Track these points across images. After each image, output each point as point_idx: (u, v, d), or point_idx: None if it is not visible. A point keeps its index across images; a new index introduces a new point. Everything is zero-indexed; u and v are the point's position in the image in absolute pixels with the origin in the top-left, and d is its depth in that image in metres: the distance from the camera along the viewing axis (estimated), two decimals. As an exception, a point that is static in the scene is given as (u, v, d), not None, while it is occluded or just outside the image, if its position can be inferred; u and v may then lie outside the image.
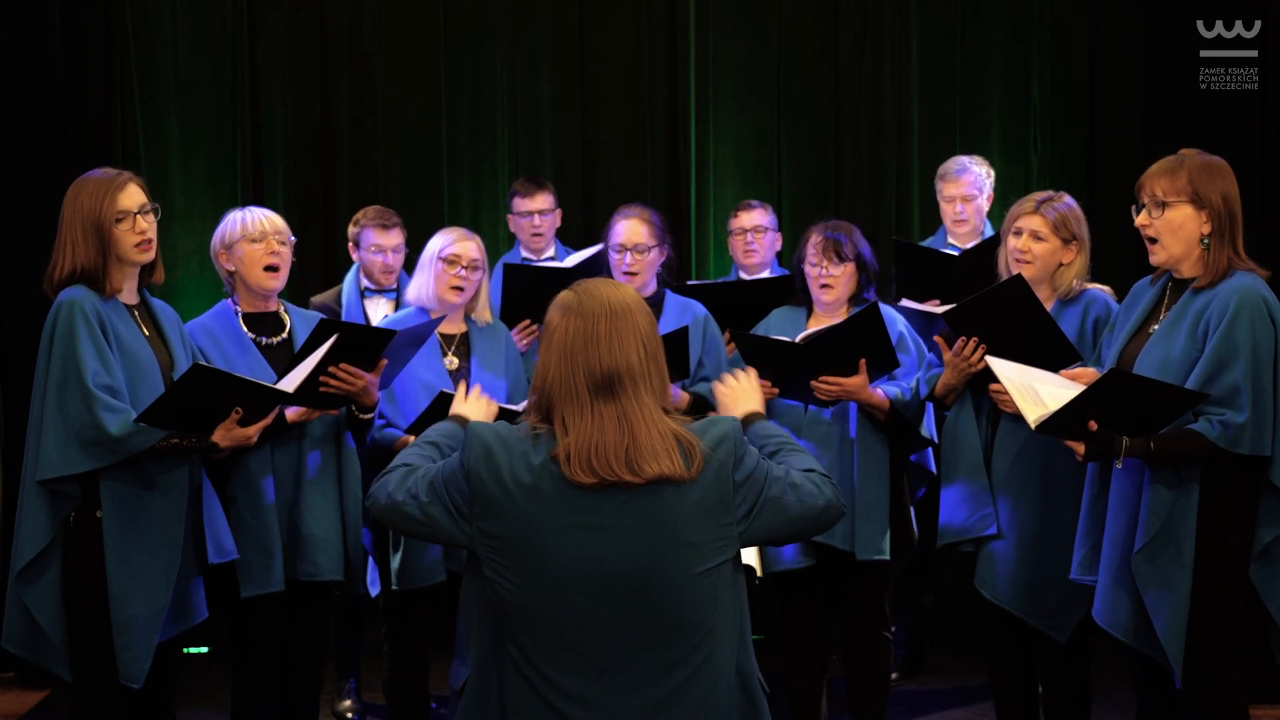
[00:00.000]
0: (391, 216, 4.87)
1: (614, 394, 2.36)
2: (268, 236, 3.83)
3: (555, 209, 5.19)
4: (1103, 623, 3.36)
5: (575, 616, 2.34)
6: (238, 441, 3.47)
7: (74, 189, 3.42)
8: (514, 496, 2.35)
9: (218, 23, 5.79)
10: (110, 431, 3.27)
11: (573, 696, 2.34)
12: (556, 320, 2.42)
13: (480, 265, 4.13)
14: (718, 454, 2.38)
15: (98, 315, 3.32)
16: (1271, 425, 3.16)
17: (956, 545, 3.88)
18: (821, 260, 4.13)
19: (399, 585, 4.00)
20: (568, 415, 2.37)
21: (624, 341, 2.38)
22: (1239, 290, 3.18)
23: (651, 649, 2.34)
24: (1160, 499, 3.22)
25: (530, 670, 2.36)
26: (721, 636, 2.38)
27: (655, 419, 2.36)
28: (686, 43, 5.94)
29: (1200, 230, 3.26)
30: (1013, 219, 3.83)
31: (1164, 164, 3.33)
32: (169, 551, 3.40)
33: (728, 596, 2.40)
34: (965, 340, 3.73)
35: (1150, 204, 3.30)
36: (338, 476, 3.88)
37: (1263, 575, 3.25)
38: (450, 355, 4.13)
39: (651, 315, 2.46)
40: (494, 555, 2.38)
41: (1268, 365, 3.16)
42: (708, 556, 2.36)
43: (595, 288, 2.44)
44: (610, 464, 2.32)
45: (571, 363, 2.38)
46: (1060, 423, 3.22)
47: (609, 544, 2.33)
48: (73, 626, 3.36)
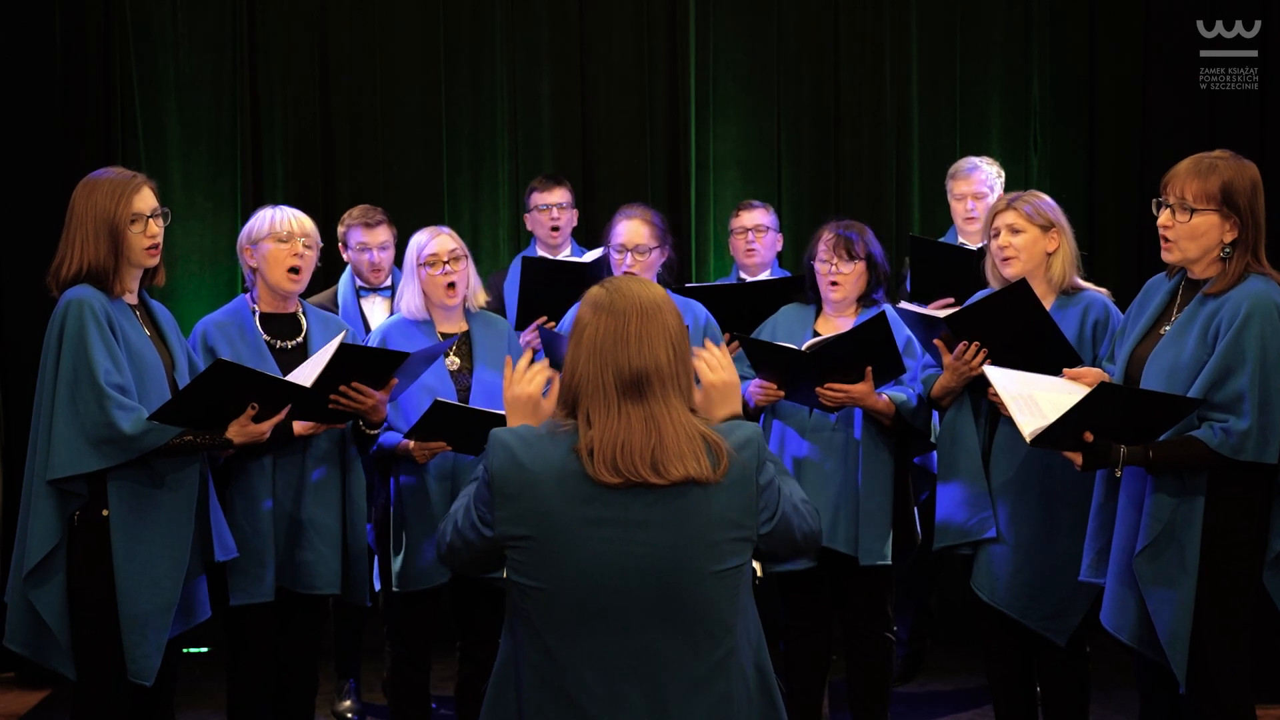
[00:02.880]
0: (375, 214, 4.86)
1: (642, 394, 2.36)
2: (294, 238, 3.83)
3: (572, 206, 5.20)
4: (1110, 626, 3.34)
5: (598, 610, 2.34)
6: (251, 438, 3.48)
7: (86, 187, 3.41)
8: (537, 493, 2.35)
9: (218, 22, 5.79)
10: (124, 430, 3.26)
11: (592, 691, 2.34)
12: (588, 317, 2.41)
13: (462, 254, 4.09)
14: (743, 455, 2.38)
15: (106, 314, 3.32)
16: (1278, 432, 3.11)
17: (954, 548, 3.88)
18: (832, 257, 4.13)
19: (399, 587, 4.00)
20: (593, 412, 2.36)
21: (654, 342, 2.38)
22: (1251, 295, 3.11)
23: (673, 645, 2.35)
24: (1163, 502, 3.19)
25: (549, 665, 2.36)
26: (741, 635, 2.39)
27: (683, 420, 2.36)
28: (686, 43, 5.94)
29: (1222, 238, 3.18)
30: (989, 222, 3.85)
31: (1195, 164, 3.20)
32: (178, 549, 3.39)
33: (746, 598, 2.41)
34: (965, 344, 3.74)
35: (1176, 205, 3.19)
36: (341, 489, 3.87)
37: (1276, 582, 3.21)
38: (452, 355, 4.11)
39: (681, 315, 2.45)
40: (517, 555, 2.37)
41: (1276, 373, 3.10)
42: (729, 556, 2.36)
43: (627, 285, 2.43)
44: (635, 465, 2.32)
45: (600, 361, 2.37)
46: (1055, 435, 3.19)
47: (633, 539, 2.34)
48: (78, 625, 3.35)
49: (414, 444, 3.91)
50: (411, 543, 3.98)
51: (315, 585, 3.81)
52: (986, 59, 5.99)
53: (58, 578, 3.33)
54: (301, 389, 3.52)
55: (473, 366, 4.08)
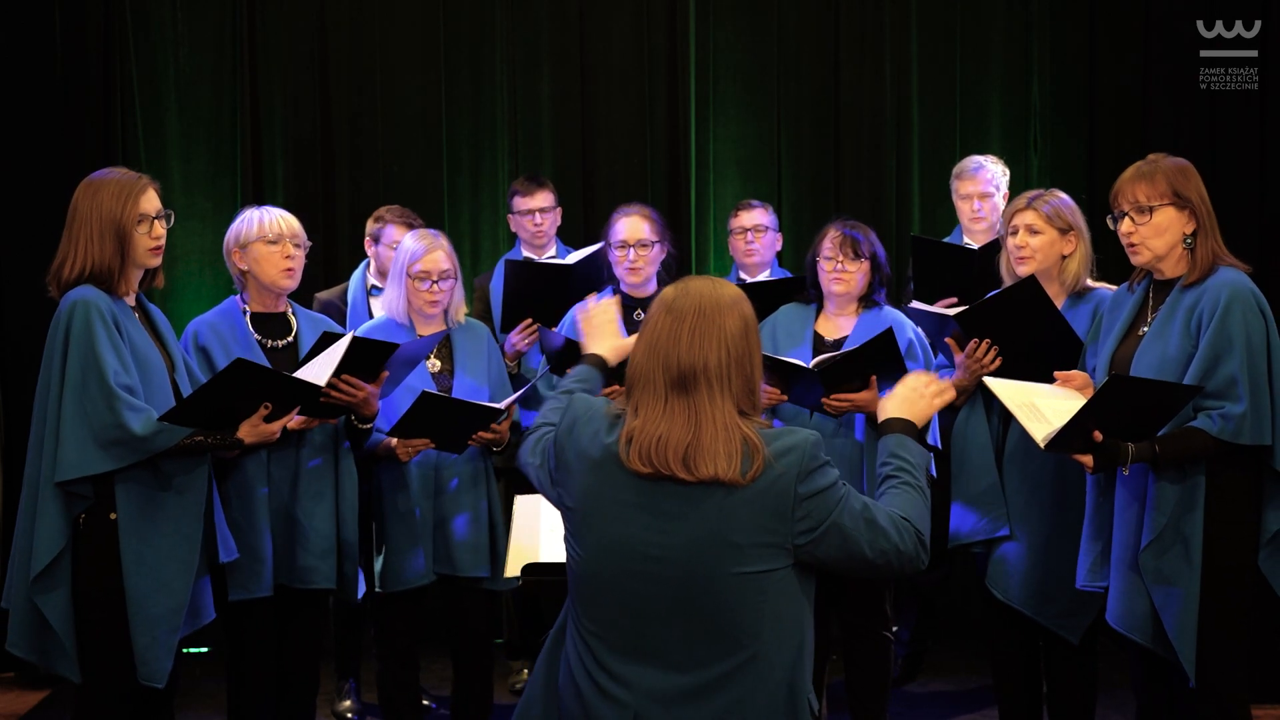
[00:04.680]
0: (415, 218, 4.89)
1: (688, 391, 2.41)
2: (284, 239, 3.83)
3: (555, 207, 5.18)
4: (1118, 625, 3.35)
5: (621, 595, 2.41)
6: (263, 437, 3.49)
7: (91, 188, 3.39)
8: (584, 468, 2.45)
9: (218, 22, 5.78)
10: (135, 431, 3.25)
11: (612, 673, 2.41)
12: (654, 313, 2.49)
13: (452, 274, 4.09)
14: (780, 462, 2.38)
15: (112, 315, 3.31)
16: (1270, 414, 3.19)
17: (968, 546, 3.89)
18: (837, 254, 4.14)
19: (381, 588, 4.02)
20: (642, 403, 2.44)
21: (706, 343, 2.42)
22: (1229, 284, 3.22)
23: (686, 640, 2.38)
24: (1165, 495, 3.23)
25: (583, 640, 2.46)
26: (771, 645, 2.38)
27: (726, 421, 2.39)
28: (686, 43, 5.94)
29: (1184, 230, 3.30)
30: (1008, 220, 3.87)
31: (1137, 171, 3.35)
32: (187, 550, 3.38)
33: (784, 607, 2.39)
34: (977, 342, 3.75)
35: (1132, 211, 3.32)
36: (335, 484, 3.88)
37: (1271, 563, 3.27)
38: (433, 358, 4.12)
39: (746, 318, 2.49)
40: (568, 521, 2.50)
41: (1262, 355, 3.20)
42: (751, 560, 2.37)
43: (695, 285, 2.50)
44: (667, 459, 2.38)
45: (653, 357, 2.44)
46: (1067, 438, 3.23)
47: (658, 528, 2.39)
48: (84, 627, 3.33)
49: (397, 442, 3.91)
50: (393, 543, 4.00)
51: (313, 581, 3.82)
52: (986, 59, 5.99)
53: (64, 581, 3.31)
54: (316, 388, 3.52)
55: (453, 369, 4.10)
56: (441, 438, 3.92)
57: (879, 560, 2.42)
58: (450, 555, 4.00)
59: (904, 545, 2.43)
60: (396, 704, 4.14)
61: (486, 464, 4.10)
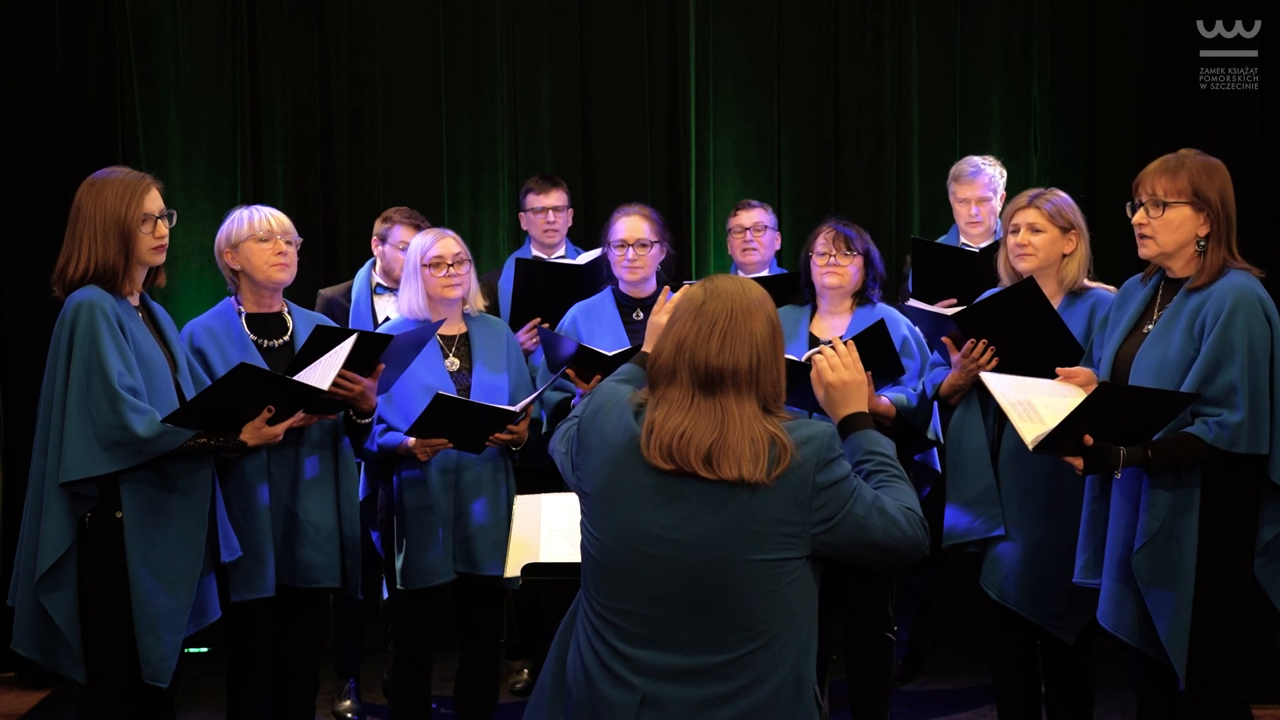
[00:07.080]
0: (423, 220, 4.89)
1: (714, 392, 2.42)
2: (275, 237, 3.83)
3: (568, 207, 5.20)
4: (1107, 625, 3.35)
5: (636, 580, 2.41)
6: (266, 439, 3.49)
7: (94, 187, 3.39)
8: (605, 453, 2.46)
9: (218, 22, 5.79)
10: (138, 432, 3.26)
11: (623, 656, 2.42)
12: (682, 308, 2.48)
13: (465, 257, 4.11)
14: (801, 453, 2.40)
15: (116, 316, 3.31)
16: (1269, 423, 3.16)
17: (963, 546, 3.88)
18: (831, 250, 4.15)
19: (403, 585, 4.01)
20: (665, 397, 2.44)
21: (737, 347, 2.43)
22: (1235, 289, 3.18)
23: (698, 627, 2.39)
24: (1159, 499, 3.21)
25: (594, 624, 2.46)
26: (780, 636, 2.40)
27: (751, 421, 2.40)
28: (686, 43, 5.95)
29: (1197, 231, 3.26)
30: (1009, 218, 3.87)
31: (1163, 164, 3.31)
32: (192, 550, 3.39)
33: (795, 600, 2.41)
34: (974, 342, 3.75)
35: (1149, 203, 3.28)
36: (335, 481, 3.88)
37: (1267, 572, 3.25)
38: (451, 357, 4.12)
39: (772, 318, 2.49)
40: (585, 506, 2.50)
41: (1264, 364, 3.16)
42: (769, 547, 2.38)
43: (724, 286, 2.49)
44: (689, 456, 2.38)
45: (680, 356, 2.44)
46: (1056, 441, 3.22)
47: (678, 514, 2.39)
48: (90, 627, 3.32)
49: (415, 442, 3.91)
50: (414, 540, 3.99)
51: (315, 579, 3.82)
52: (986, 59, 6.00)
53: (69, 580, 3.31)
54: (319, 391, 3.52)
55: (472, 366, 4.09)
56: (459, 438, 3.92)
57: (891, 547, 2.46)
58: (470, 553, 4.00)
59: (913, 532, 2.48)
60: (404, 705, 4.14)
61: (506, 463, 4.11)
